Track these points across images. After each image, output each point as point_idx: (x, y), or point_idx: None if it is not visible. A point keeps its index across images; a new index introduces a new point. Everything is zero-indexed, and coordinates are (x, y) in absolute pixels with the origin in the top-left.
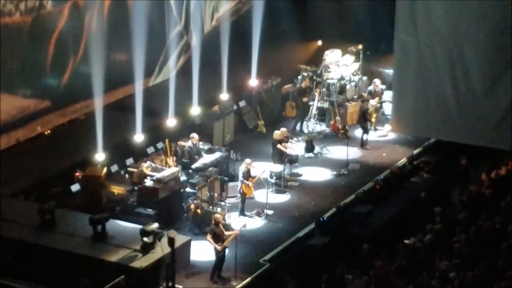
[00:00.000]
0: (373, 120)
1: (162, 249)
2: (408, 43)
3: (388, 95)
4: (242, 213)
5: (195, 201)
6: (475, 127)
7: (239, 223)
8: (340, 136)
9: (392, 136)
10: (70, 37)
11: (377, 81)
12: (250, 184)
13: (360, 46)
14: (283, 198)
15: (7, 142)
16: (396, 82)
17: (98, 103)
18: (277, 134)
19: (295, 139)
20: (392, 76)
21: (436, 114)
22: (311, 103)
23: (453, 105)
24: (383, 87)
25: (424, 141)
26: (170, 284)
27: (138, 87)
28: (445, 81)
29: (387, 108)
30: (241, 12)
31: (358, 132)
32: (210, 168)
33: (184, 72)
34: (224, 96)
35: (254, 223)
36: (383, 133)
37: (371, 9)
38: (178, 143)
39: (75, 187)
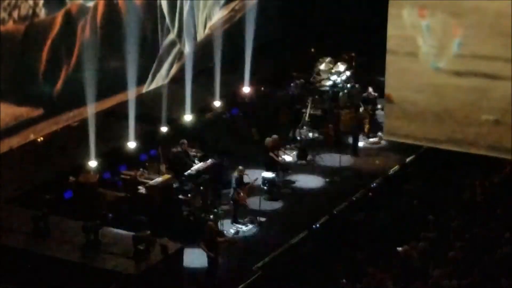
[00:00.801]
0: (366, 128)
1: (155, 256)
2: (400, 51)
3: (381, 103)
4: (235, 220)
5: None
6: (468, 134)
7: (231, 231)
8: (333, 143)
9: (385, 143)
10: (63, 45)
11: (370, 88)
12: (242, 192)
13: (353, 54)
14: (276, 205)
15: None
16: (388, 89)
17: (91, 110)
18: (269, 141)
19: (287, 146)
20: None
21: (428, 121)
22: (304, 110)
23: (446, 112)
24: (376, 94)
25: (417, 148)
26: None
27: (131, 95)
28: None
29: (380, 116)
30: (234, 20)
31: (351, 140)
32: (203, 175)
33: (177, 80)
34: (217, 103)
35: (247, 230)
36: (376, 140)
37: (365, 16)
38: (171, 150)
39: (68, 194)
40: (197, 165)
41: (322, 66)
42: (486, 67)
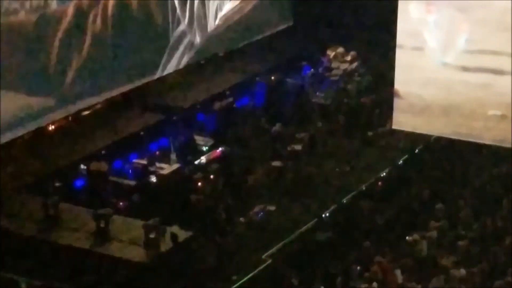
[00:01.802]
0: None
1: (165, 244)
2: (407, 45)
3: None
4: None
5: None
6: (474, 128)
7: None
8: (342, 132)
9: (394, 132)
10: (74, 35)
11: None
12: None
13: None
14: (285, 193)
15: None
16: (396, 83)
17: (102, 99)
18: (278, 129)
19: (296, 135)
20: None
21: (434, 115)
22: (314, 99)
23: (452, 106)
24: None
25: (427, 137)
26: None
27: (142, 84)
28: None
29: None
30: (244, 11)
31: (359, 129)
32: (213, 164)
33: (187, 70)
34: (227, 93)
35: (256, 218)
36: (386, 129)
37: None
38: (180, 139)
39: (79, 182)
40: (207, 154)
41: (332, 56)
42: (493, 62)
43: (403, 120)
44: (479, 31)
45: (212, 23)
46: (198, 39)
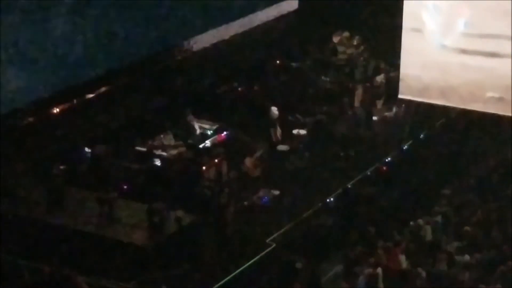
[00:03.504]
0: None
1: (169, 228)
2: (407, 27)
3: None
4: None
5: None
6: (473, 106)
7: None
8: (347, 116)
9: (399, 116)
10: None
11: None
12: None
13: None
14: (290, 178)
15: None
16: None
17: (106, 83)
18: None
19: (302, 119)
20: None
21: (434, 93)
22: (319, 84)
23: (450, 88)
24: None
25: (432, 121)
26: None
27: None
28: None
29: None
30: None
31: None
32: (218, 148)
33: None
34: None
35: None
36: (391, 113)
37: None
38: (186, 122)
39: (84, 165)
40: (212, 137)
41: (338, 40)
42: (492, 45)
43: (408, 85)
44: (479, 14)
45: None
46: None
